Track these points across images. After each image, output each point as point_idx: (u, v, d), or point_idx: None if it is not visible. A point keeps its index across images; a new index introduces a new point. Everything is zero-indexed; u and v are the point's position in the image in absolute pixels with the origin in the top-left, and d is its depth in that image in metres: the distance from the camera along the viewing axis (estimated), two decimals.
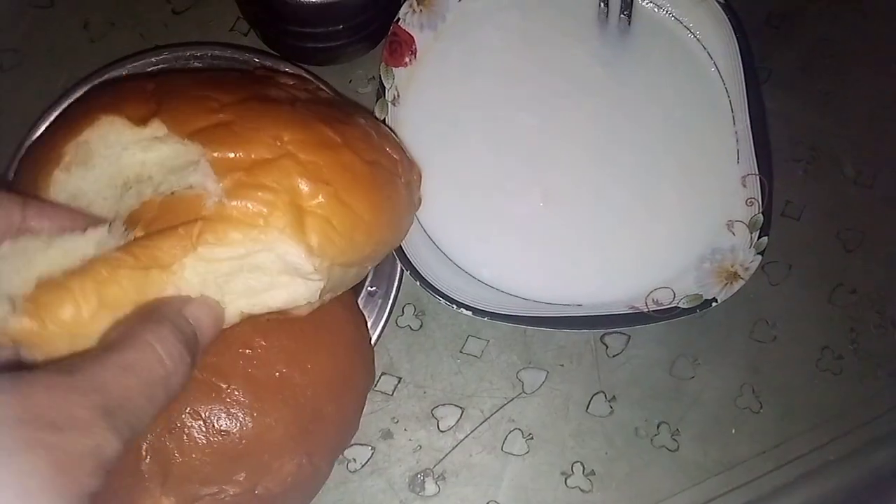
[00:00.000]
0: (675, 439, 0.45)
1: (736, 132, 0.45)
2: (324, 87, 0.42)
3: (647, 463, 0.45)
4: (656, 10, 0.47)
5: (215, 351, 0.32)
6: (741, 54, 0.45)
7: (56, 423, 0.21)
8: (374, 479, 0.43)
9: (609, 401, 0.46)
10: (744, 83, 0.44)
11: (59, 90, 0.44)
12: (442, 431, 0.44)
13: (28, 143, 0.41)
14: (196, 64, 0.44)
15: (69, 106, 0.41)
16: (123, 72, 0.43)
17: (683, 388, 0.46)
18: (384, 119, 0.43)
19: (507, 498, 0.44)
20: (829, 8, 0.54)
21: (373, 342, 0.42)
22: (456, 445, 0.44)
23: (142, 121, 0.31)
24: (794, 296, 0.48)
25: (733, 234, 0.43)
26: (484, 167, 0.44)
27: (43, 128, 0.41)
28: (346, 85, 0.49)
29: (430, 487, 0.44)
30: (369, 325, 0.42)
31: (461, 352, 0.46)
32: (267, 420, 0.33)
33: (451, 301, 0.40)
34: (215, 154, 0.30)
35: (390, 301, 0.43)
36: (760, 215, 0.42)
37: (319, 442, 0.36)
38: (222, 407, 0.32)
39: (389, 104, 0.43)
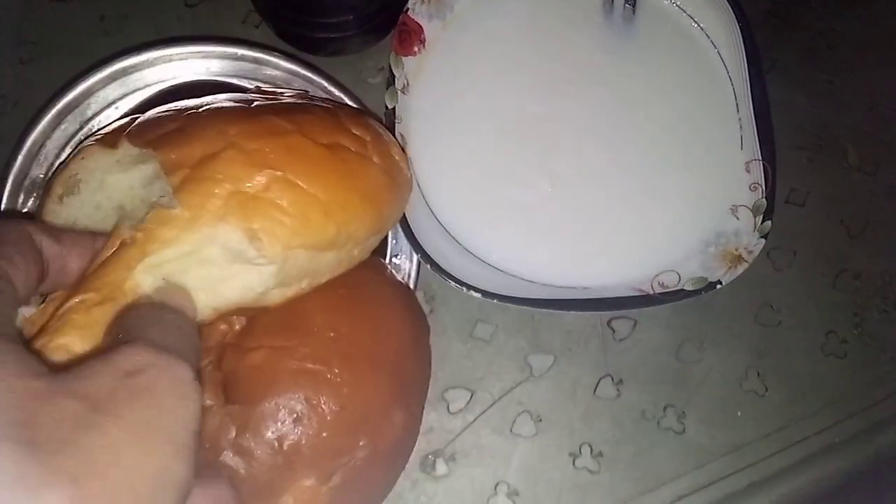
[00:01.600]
0: (681, 422, 0.46)
1: (739, 119, 0.45)
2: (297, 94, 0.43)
3: (653, 445, 0.45)
4: None
5: (308, 343, 0.35)
6: (744, 43, 0.45)
7: None
8: None
9: (616, 384, 0.46)
10: (747, 71, 0.45)
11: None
12: (452, 414, 0.45)
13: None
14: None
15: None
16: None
17: (690, 371, 0.47)
18: (393, 107, 0.44)
19: (516, 478, 0.44)
20: None
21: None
22: (466, 427, 0.45)
23: (114, 144, 0.32)
24: (798, 281, 0.49)
25: (737, 218, 0.43)
26: (493, 154, 0.45)
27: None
28: (357, 76, 0.50)
29: (441, 468, 0.44)
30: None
31: (471, 336, 0.46)
32: (368, 388, 0.36)
33: (461, 284, 0.41)
34: (165, 156, 0.31)
35: (414, 258, 0.43)
36: (764, 200, 0.43)
37: (411, 392, 0.39)
38: (331, 388, 0.34)
39: (399, 92, 0.44)
